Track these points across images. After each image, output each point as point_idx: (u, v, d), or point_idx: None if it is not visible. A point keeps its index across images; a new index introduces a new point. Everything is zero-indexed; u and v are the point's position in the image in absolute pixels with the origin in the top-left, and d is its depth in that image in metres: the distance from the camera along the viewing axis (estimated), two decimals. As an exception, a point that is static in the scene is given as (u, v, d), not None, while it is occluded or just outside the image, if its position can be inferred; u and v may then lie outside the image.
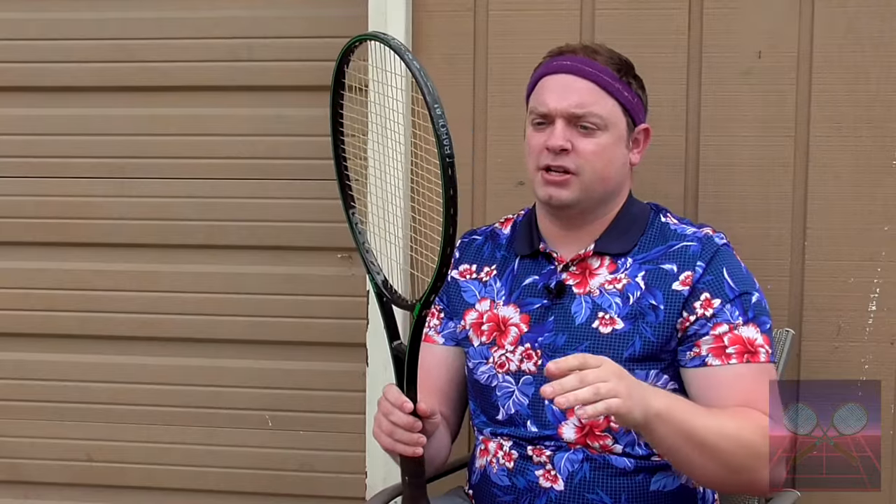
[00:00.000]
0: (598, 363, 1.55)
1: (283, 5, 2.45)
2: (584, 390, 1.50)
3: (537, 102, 1.85)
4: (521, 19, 2.27)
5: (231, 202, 2.50)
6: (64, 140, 2.55)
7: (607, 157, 1.83)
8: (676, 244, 1.85)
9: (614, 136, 1.83)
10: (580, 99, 1.81)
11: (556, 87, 1.83)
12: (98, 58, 2.51)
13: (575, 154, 1.80)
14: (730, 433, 1.67)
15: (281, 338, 2.52)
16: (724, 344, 1.77)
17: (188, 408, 2.57)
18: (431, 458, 1.85)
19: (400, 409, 1.63)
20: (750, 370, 1.76)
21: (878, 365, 2.19)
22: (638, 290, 1.82)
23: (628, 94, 1.85)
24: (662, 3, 2.22)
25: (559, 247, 1.89)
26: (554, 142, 1.80)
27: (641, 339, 1.79)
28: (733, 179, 2.21)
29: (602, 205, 1.87)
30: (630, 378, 1.60)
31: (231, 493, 2.58)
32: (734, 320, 1.78)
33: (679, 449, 1.65)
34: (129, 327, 2.57)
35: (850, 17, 2.16)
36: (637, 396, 1.57)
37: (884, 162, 2.17)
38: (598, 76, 1.82)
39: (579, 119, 1.81)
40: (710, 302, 1.79)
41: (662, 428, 1.61)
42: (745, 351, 1.77)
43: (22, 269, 2.60)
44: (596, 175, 1.82)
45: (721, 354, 1.77)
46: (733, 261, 1.84)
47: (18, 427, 2.63)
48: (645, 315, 1.80)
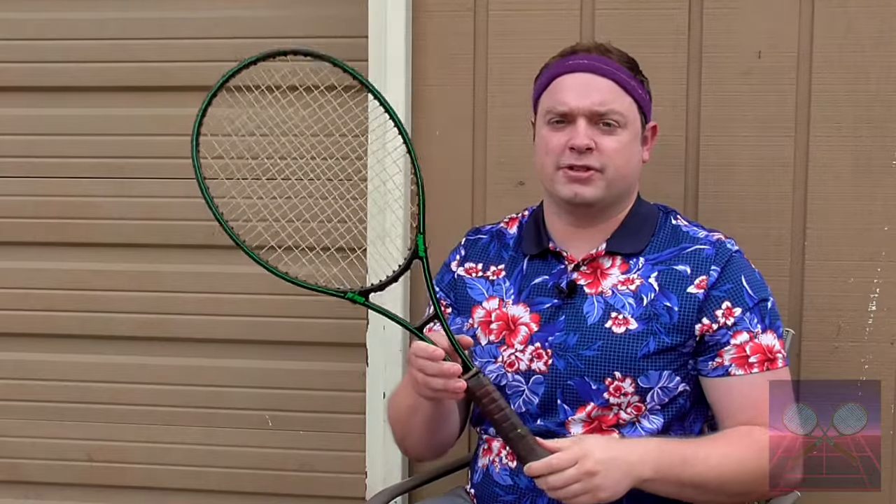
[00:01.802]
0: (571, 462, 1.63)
1: (283, 5, 2.44)
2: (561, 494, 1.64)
3: (555, 102, 1.83)
4: (521, 19, 2.27)
5: (231, 202, 2.49)
6: (64, 140, 2.55)
7: (627, 154, 1.83)
8: (689, 247, 1.86)
9: (632, 133, 1.84)
10: (602, 97, 1.81)
11: (575, 85, 1.82)
12: (98, 58, 2.51)
13: (598, 152, 1.80)
14: (732, 467, 1.73)
15: (281, 338, 2.52)
16: (746, 353, 1.80)
17: (188, 408, 2.57)
18: (441, 442, 1.93)
19: (430, 357, 1.68)
20: (768, 378, 1.79)
21: (878, 365, 2.19)
22: (652, 291, 1.82)
23: (642, 91, 1.86)
24: (662, 3, 2.22)
25: (569, 246, 1.89)
26: (581, 141, 1.79)
27: (656, 340, 1.80)
28: (733, 179, 2.21)
29: (617, 203, 1.87)
30: (611, 457, 1.66)
31: (231, 493, 2.58)
32: (754, 328, 1.81)
33: (679, 495, 1.73)
34: (129, 327, 2.57)
35: (850, 17, 2.16)
36: (617, 476, 1.65)
37: (884, 162, 2.17)
38: (616, 74, 1.82)
39: (602, 117, 1.80)
40: (731, 311, 1.80)
41: (656, 487, 1.70)
42: (765, 360, 1.80)
43: (22, 269, 2.60)
44: (618, 172, 1.82)
45: (744, 364, 1.79)
46: (749, 268, 1.86)
47: (18, 427, 2.63)
48: (659, 316, 1.80)
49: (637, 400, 1.80)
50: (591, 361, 1.80)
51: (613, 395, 1.79)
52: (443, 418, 1.88)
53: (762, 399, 1.78)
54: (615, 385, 1.79)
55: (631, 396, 1.80)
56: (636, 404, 1.80)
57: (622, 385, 1.79)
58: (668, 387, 1.80)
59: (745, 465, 1.74)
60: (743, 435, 1.77)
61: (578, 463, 1.63)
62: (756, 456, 1.74)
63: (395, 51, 2.27)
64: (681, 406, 1.83)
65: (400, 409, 1.92)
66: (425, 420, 1.86)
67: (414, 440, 1.93)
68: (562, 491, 1.64)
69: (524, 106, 2.00)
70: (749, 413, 1.78)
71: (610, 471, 1.65)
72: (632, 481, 1.67)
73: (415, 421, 1.88)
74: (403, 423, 1.92)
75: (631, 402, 1.80)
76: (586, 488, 1.63)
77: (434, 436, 1.91)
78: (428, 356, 1.68)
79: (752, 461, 1.74)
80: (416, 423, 1.88)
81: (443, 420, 1.88)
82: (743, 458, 1.74)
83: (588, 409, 1.81)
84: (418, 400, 1.80)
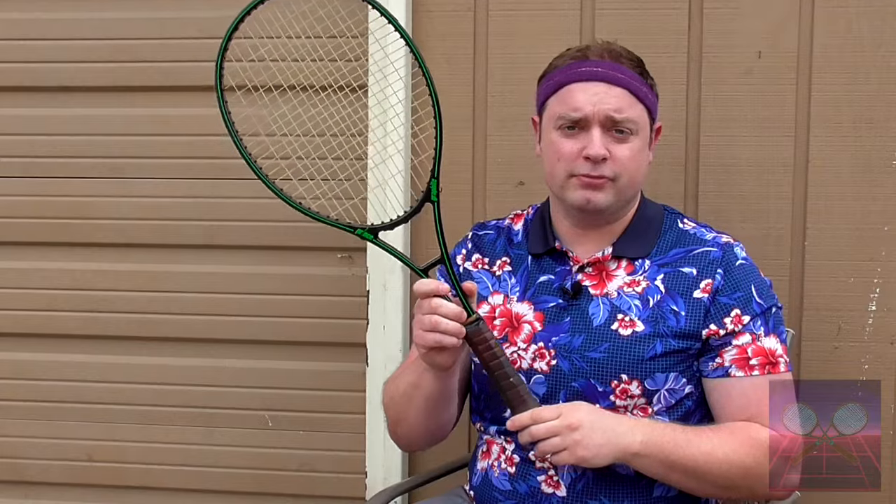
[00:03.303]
0: (554, 415, 1.66)
1: (283, 5, 2.44)
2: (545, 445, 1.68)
3: (568, 108, 1.81)
4: (521, 19, 2.27)
5: (231, 202, 2.50)
6: (64, 140, 2.55)
7: (639, 161, 1.83)
8: (697, 248, 1.86)
9: (643, 139, 1.83)
10: (617, 104, 1.79)
11: (589, 93, 1.80)
12: (98, 58, 2.51)
13: (612, 161, 1.79)
14: (720, 457, 1.72)
15: (281, 338, 2.52)
16: (747, 355, 1.79)
17: (188, 408, 2.57)
18: (438, 427, 1.93)
19: (436, 293, 1.70)
20: (769, 382, 1.79)
21: (878, 365, 2.19)
22: (658, 293, 1.82)
23: (652, 96, 1.85)
24: (662, 3, 2.22)
25: (575, 246, 1.89)
26: (597, 151, 1.78)
27: (662, 343, 1.79)
28: (733, 179, 2.21)
29: (625, 205, 1.87)
30: (598, 419, 1.68)
31: (231, 493, 2.58)
32: (757, 331, 1.80)
33: (666, 478, 1.74)
34: (129, 327, 2.57)
35: (850, 17, 2.16)
36: (601, 439, 1.66)
37: (884, 162, 2.17)
38: (630, 83, 1.81)
39: (616, 124, 1.79)
40: (740, 318, 1.80)
41: (643, 464, 1.71)
42: (767, 363, 1.79)
43: (22, 269, 2.59)
44: (630, 179, 1.82)
45: (745, 366, 1.79)
46: (759, 276, 1.86)
47: (18, 427, 2.63)
48: (666, 319, 1.80)
49: (643, 402, 1.80)
50: (597, 363, 1.80)
51: (620, 397, 1.79)
52: (444, 399, 1.86)
53: (762, 401, 1.78)
54: (622, 387, 1.79)
55: (637, 399, 1.79)
56: (642, 406, 1.80)
57: (629, 387, 1.79)
58: (674, 389, 1.80)
59: (739, 458, 1.73)
60: (741, 429, 1.76)
61: (563, 416, 1.66)
62: (751, 451, 1.74)
63: (395, 50, 2.26)
64: (687, 408, 1.83)
65: (399, 389, 1.90)
66: (425, 398, 1.84)
67: (409, 423, 1.91)
68: (542, 444, 1.66)
69: (524, 106, 2.00)
70: (748, 413, 1.78)
71: (594, 431, 1.66)
72: (617, 451, 1.68)
73: (415, 399, 1.86)
74: (401, 404, 1.90)
75: (637, 405, 1.80)
76: (566, 443, 1.65)
77: (431, 419, 1.89)
78: (432, 290, 1.70)
79: (747, 456, 1.73)
80: (415, 402, 1.86)
81: (443, 401, 1.87)
82: (737, 451, 1.73)
83: None
84: (422, 376, 1.80)
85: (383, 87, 2.19)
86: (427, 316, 1.70)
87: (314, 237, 2.47)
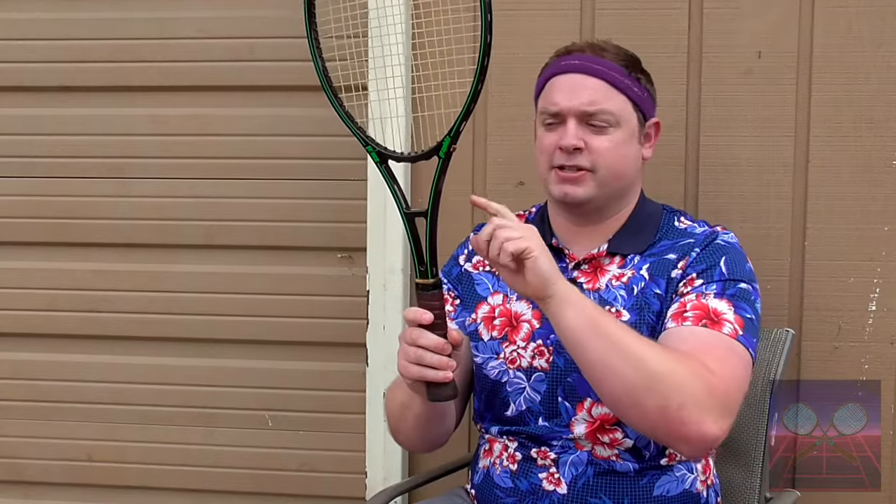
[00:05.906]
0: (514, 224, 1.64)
1: (283, 5, 2.44)
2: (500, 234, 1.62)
3: (547, 102, 1.84)
4: (521, 19, 2.27)
5: (231, 202, 2.50)
6: (64, 140, 2.55)
7: (621, 153, 1.83)
8: (683, 240, 1.85)
9: (627, 132, 1.83)
10: (591, 97, 1.81)
11: (565, 86, 1.83)
12: (98, 58, 2.51)
13: (588, 152, 1.81)
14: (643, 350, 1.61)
15: (281, 338, 2.52)
16: (685, 310, 1.74)
17: (188, 408, 2.57)
18: (436, 438, 1.91)
19: (420, 320, 1.62)
20: (707, 332, 1.69)
21: (878, 365, 2.19)
22: (642, 280, 1.82)
23: (637, 89, 1.85)
24: (662, 3, 2.22)
25: (571, 244, 1.89)
26: (567, 141, 1.80)
27: (648, 328, 1.79)
28: (733, 179, 2.21)
29: (617, 201, 1.87)
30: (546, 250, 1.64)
31: (231, 493, 2.58)
32: (706, 291, 1.75)
33: (582, 355, 1.63)
34: (129, 327, 2.57)
35: (850, 17, 2.16)
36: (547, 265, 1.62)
37: (884, 162, 2.17)
38: (607, 73, 1.82)
39: (591, 117, 1.81)
40: (693, 281, 1.77)
41: (563, 319, 1.63)
42: (704, 317, 1.71)
43: (22, 269, 2.60)
44: (611, 171, 1.82)
45: (678, 318, 1.73)
46: (735, 254, 1.81)
47: (18, 427, 2.63)
48: (650, 304, 1.80)
49: None
50: None
51: None
52: (437, 416, 1.86)
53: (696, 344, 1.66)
54: None
55: None
56: None
57: None
58: None
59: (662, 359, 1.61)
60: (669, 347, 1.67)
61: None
62: (667, 361, 1.61)
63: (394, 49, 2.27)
64: None
65: (394, 402, 1.90)
66: (416, 417, 1.84)
67: (406, 435, 1.92)
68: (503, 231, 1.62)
69: (524, 106, 2.00)
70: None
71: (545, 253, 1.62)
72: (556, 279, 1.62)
73: (407, 418, 1.86)
74: (396, 417, 1.90)
75: None
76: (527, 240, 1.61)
77: (426, 433, 1.89)
78: (415, 319, 1.63)
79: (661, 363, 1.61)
80: (408, 420, 1.86)
81: (437, 418, 1.86)
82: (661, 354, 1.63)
83: (587, 406, 1.80)
84: (411, 397, 1.77)
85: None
86: (412, 348, 1.65)
87: (314, 237, 2.47)
